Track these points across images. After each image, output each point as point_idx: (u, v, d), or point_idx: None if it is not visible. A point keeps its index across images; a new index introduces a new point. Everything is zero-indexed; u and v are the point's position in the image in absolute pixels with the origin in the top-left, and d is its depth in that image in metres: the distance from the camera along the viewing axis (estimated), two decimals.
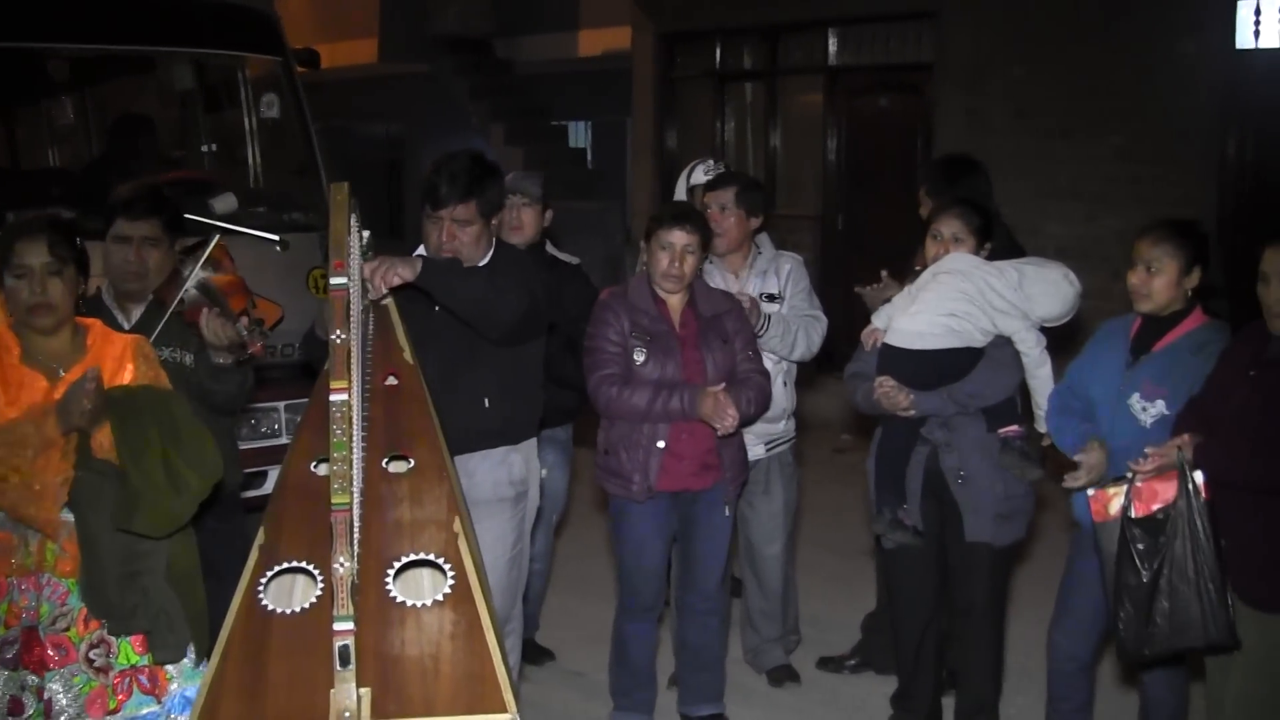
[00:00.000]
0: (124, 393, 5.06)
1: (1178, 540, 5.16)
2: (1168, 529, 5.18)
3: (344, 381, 3.91)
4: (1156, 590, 5.20)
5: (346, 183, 4.75)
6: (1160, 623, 5.22)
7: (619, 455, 6.52)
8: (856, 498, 10.17)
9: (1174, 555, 5.17)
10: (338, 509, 3.77)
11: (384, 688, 3.80)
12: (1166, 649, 5.31)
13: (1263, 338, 5.33)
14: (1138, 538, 5.23)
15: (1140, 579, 5.22)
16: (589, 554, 9.60)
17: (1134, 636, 5.30)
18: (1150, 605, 5.21)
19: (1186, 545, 5.15)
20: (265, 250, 8.65)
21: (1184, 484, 5.16)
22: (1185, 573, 5.16)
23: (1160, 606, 5.20)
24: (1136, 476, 5.27)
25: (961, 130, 14.13)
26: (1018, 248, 7.26)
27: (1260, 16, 12.35)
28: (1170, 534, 5.17)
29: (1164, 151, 12.83)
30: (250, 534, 4.45)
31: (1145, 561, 5.22)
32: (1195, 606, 5.16)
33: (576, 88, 21.59)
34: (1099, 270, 10.30)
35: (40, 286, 5.09)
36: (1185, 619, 5.19)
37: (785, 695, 7.60)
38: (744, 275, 7.31)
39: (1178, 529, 5.16)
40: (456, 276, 5.83)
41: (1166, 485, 5.20)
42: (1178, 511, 5.16)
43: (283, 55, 9.71)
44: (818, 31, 16.38)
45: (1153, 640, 5.27)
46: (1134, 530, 5.24)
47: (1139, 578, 5.23)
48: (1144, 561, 5.22)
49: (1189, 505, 5.14)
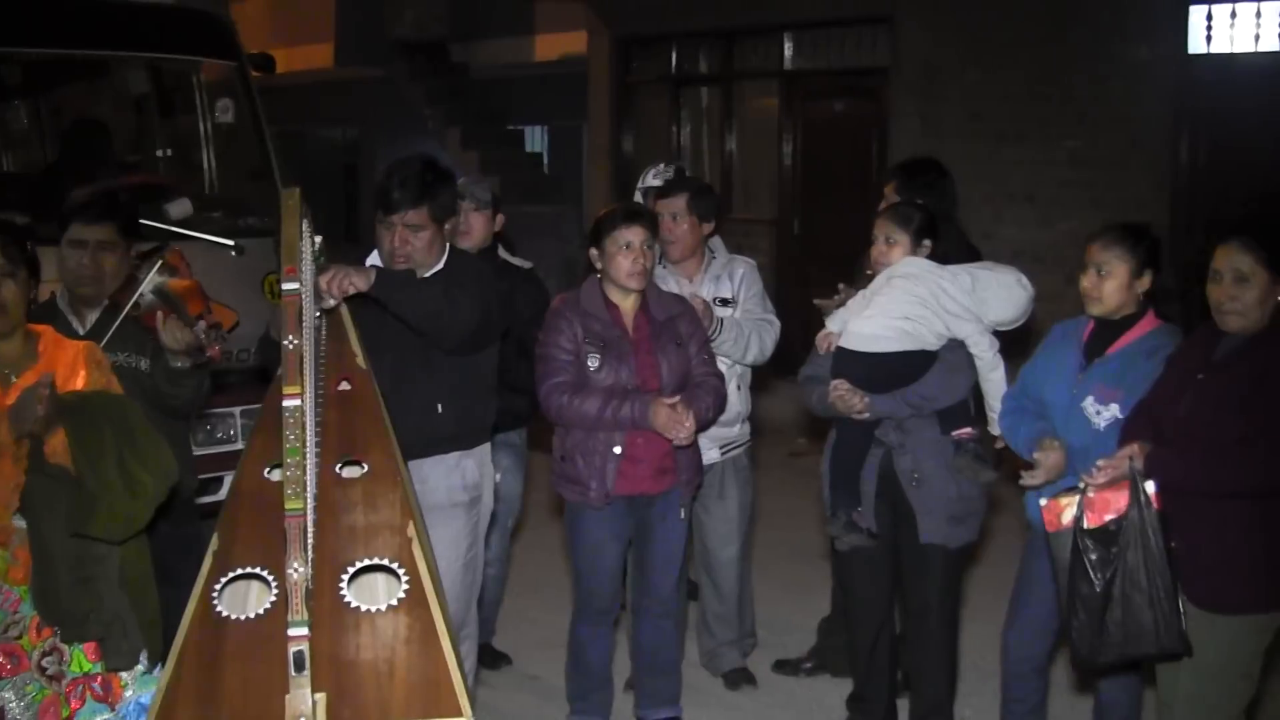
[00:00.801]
0: (77, 398, 5.05)
1: (1130, 550, 5.18)
2: (1120, 539, 5.20)
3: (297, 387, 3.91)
4: (1109, 599, 5.22)
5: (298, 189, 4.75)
6: (1113, 631, 5.24)
7: (575, 461, 6.52)
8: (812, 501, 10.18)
9: (1126, 565, 5.19)
10: (291, 514, 3.77)
11: (339, 693, 3.80)
12: (1119, 657, 5.33)
13: (1211, 341, 5.37)
14: (1090, 548, 5.25)
15: (1093, 588, 5.24)
16: (545, 558, 9.59)
17: (1087, 645, 5.32)
18: (1103, 614, 5.23)
19: (1139, 555, 5.17)
20: (220, 255, 8.63)
21: (1135, 494, 5.17)
22: (1138, 582, 5.18)
23: (1113, 615, 5.22)
24: (1088, 487, 5.30)
25: (916, 134, 14.18)
26: (975, 251, 7.29)
27: (1212, 22, 12.42)
28: (1123, 544, 5.19)
29: (1117, 155, 12.90)
30: (205, 540, 4.44)
31: (1098, 571, 5.24)
32: (1148, 615, 5.18)
33: (532, 92, 21.59)
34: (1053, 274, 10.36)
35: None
36: (1138, 627, 5.21)
37: (742, 698, 7.61)
38: (698, 280, 7.32)
39: (1130, 539, 5.18)
40: (410, 288, 5.82)
41: (1118, 495, 5.22)
42: (1130, 522, 5.18)
43: (238, 60, 9.68)
44: (773, 36, 16.43)
45: (1106, 648, 5.29)
46: (1086, 540, 5.26)
47: (1092, 587, 5.24)
48: (1097, 571, 5.24)
49: (1141, 515, 5.16)
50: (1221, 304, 5.24)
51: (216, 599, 4.10)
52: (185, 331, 6.00)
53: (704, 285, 7.30)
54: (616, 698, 7.11)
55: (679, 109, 17.85)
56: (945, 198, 7.30)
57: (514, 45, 21.49)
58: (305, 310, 4.71)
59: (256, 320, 7.23)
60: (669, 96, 17.88)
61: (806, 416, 8.76)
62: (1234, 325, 5.23)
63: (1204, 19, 12.47)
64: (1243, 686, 5.38)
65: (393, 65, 22.21)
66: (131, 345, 6.19)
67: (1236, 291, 5.20)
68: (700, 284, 7.30)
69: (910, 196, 7.07)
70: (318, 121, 23.99)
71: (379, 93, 22.73)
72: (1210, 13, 12.43)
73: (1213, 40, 12.47)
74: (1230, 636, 5.28)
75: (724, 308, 7.24)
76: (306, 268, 5.00)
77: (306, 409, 4.20)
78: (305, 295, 4.80)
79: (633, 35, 17.97)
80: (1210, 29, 12.46)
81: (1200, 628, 5.26)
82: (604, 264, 6.51)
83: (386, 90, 22.53)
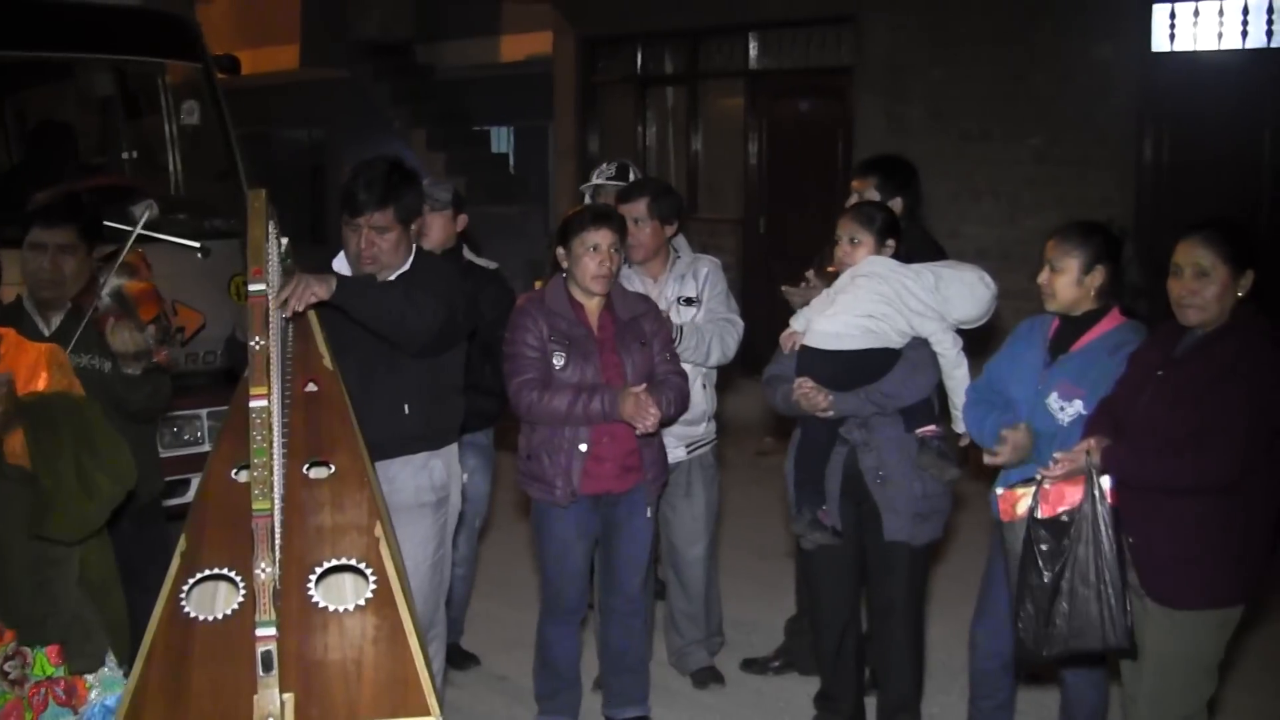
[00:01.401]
0: (37, 399, 5.03)
1: (1081, 544, 5.21)
2: (1071, 532, 5.23)
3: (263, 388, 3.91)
4: (1058, 592, 5.25)
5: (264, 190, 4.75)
6: (1060, 624, 5.27)
7: (541, 460, 6.53)
8: (778, 500, 10.20)
9: (1076, 558, 5.22)
10: (259, 515, 3.78)
11: (307, 693, 3.80)
12: (1064, 650, 5.35)
13: (1172, 337, 5.40)
14: (1042, 539, 5.28)
15: (1042, 579, 5.27)
16: (512, 558, 9.59)
17: (1033, 636, 5.35)
18: (1051, 606, 5.26)
19: (1089, 549, 5.20)
20: (187, 257, 8.61)
21: (1090, 488, 5.20)
22: (1086, 576, 5.21)
23: (1060, 608, 5.25)
24: (1045, 479, 5.32)
25: (881, 133, 14.22)
26: (940, 250, 7.31)
27: (1175, 20, 12.48)
28: (1074, 537, 5.22)
29: (1082, 153, 12.95)
30: (172, 542, 4.45)
31: (1048, 563, 5.26)
32: (1095, 609, 5.21)
33: (498, 93, 21.59)
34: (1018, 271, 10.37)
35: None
36: (1084, 621, 5.24)
37: (709, 697, 7.62)
38: (662, 280, 7.33)
39: (1081, 532, 5.21)
40: (371, 294, 5.81)
41: (1074, 488, 5.25)
42: (1082, 515, 5.21)
43: (203, 61, 9.67)
44: (738, 36, 16.45)
45: (1051, 640, 5.31)
46: (1039, 531, 5.29)
47: (1041, 578, 5.27)
48: (1047, 563, 5.27)
49: (1094, 509, 5.20)
50: (1181, 299, 5.28)
51: (184, 600, 4.10)
52: (134, 336, 6.00)
53: (668, 285, 7.31)
54: (585, 697, 7.11)
55: (644, 109, 17.86)
56: (917, 196, 7.36)
57: (479, 46, 21.47)
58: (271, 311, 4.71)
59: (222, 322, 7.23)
60: (634, 96, 17.89)
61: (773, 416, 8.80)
62: (1193, 319, 5.27)
63: (1167, 17, 12.53)
64: (1203, 681, 5.41)
65: (358, 66, 22.18)
66: (95, 348, 6.19)
67: (1196, 286, 5.23)
68: (665, 284, 7.31)
69: (890, 194, 7.12)
70: (283, 123, 23.98)
71: (344, 94, 22.71)
72: (1174, 11, 12.49)
73: (1176, 38, 12.52)
74: (1188, 632, 5.31)
75: (689, 307, 7.26)
76: (273, 269, 5.00)
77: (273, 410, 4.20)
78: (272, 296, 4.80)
79: (598, 35, 17.98)
80: (1174, 27, 12.51)
81: (1159, 624, 5.29)
82: (570, 265, 6.52)
83: (352, 91, 22.51)
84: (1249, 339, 5.21)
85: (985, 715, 6.35)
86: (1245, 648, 7.29)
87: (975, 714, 6.41)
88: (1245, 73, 12.17)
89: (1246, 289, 5.26)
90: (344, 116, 22.97)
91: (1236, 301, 5.26)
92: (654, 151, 17.74)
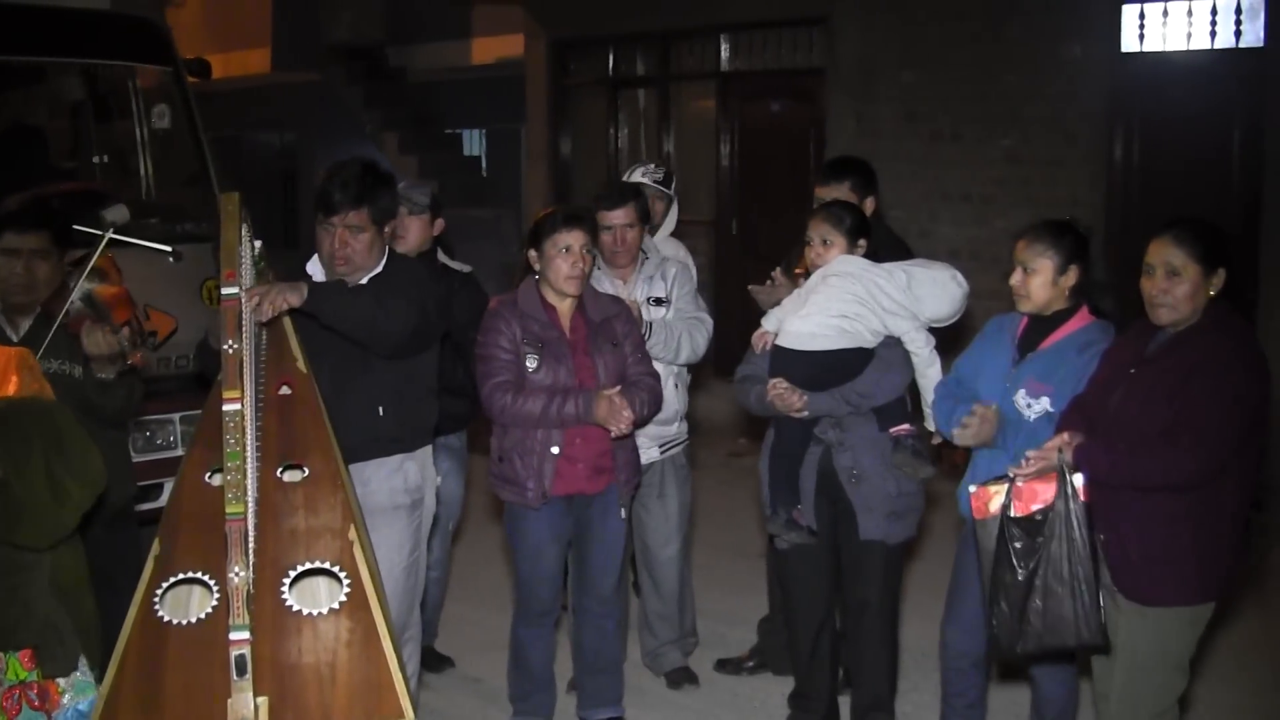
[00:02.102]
0: (6, 404, 5.02)
1: (1054, 541, 5.22)
2: (1045, 529, 5.24)
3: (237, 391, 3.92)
4: (1031, 589, 5.26)
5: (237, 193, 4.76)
6: (1034, 621, 5.28)
7: (513, 462, 6.53)
8: (751, 501, 10.23)
9: (1050, 556, 5.23)
10: (232, 519, 3.79)
11: (281, 696, 3.81)
12: (1038, 647, 5.36)
13: (1144, 336, 5.43)
14: (1016, 536, 5.28)
15: (1016, 577, 5.28)
16: (486, 560, 9.60)
17: (1008, 633, 5.36)
18: (1025, 604, 5.27)
19: (1063, 546, 5.21)
20: (158, 262, 8.58)
21: (1063, 486, 5.22)
22: (1060, 573, 5.22)
23: (1034, 605, 5.26)
24: (1017, 477, 5.34)
25: (853, 135, 14.22)
26: (905, 248, 7.33)
27: (1145, 20, 12.50)
28: (1047, 534, 5.23)
29: (1052, 154, 12.97)
30: (145, 546, 4.45)
31: (1022, 560, 5.27)
32: (1068, 607, 5.22)
33: (470, 95, 21.57)
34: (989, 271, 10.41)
35: None
36: (1058, 619, 5.25)
37: (684, 697, 7.63)
38: (632, 281, 7.34)
39: (1055, 530, 5.22)
40: (343, 299, 5.81)
41: (1047, 486, 5.26)
42: (1056, 513, 5.22)
43: (173, 65, 9.64)
44: (710, 37, 16.44)
45: (1025, 638, 5.32)
46: (1012, 529, 5.29)
47: (1015, 576, 5.28)
48: (1020, 560, 5.27)
49: (1067, 507, 5.21)
50: (1153, 297, 5.30)
51: (158, 604, 4.10)
52: (108, 339, 5.99)
53: (638, 286, 7.31)
54: (559, 698, 7.11)
55: (616, 111, 17.84)
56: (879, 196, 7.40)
57: (451, 49, 21.46)
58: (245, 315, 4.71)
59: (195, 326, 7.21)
60: (606, 98, 17.87)
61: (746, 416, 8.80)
62: (1165, 318, 5.29)
63: (1137, 18, 12.54)
64: (1174, 678, 5.43)
65: (329, 70, 22.15)
66: (65, 352, 6.17)
67: (1168, 285, 5.25)
68: (634, 285, 7.31)
69: (864, 195, 7.14)
70: (255, 127, 23.92)
71: (316, 98, 22.67)
72: (1143, 11, 12.50)
73: (1146, 39, 12.54)
74: (1160, 629, 5.33)
75: (658, 307, 7.27)
76: (246, 272, 5.00)
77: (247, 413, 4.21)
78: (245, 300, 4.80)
79: (569, 38, 17.96)
80: (1143, 28, 12.53)
81: (1131, 620, 5.31)
82: (542, 266, 6.52)
83: (324, 95, 22.47)
84: (1220, 338, 5.22)
85: (957, 713, 6.37)
86: (1217, 644, 7.35)
87: (948, 712, 6.42)
88: (1214, 73, 12.20)
89: (1218, 288, 5.28)
90: (315, 120, 22.93)
91: (1208, 300, 5.28)
92: (626, 153, 17.70)
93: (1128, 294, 5.80)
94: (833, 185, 7.24)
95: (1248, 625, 8.14)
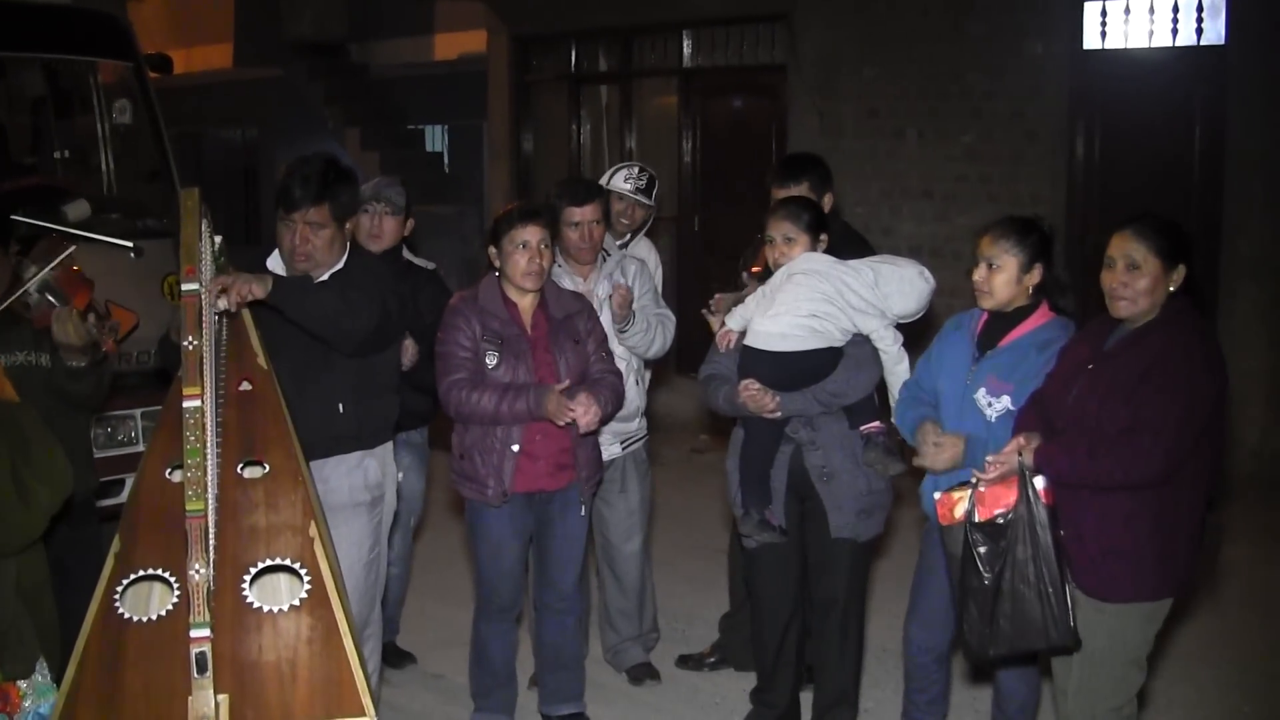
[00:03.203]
0: None
1: (1019, 544, 5.23)
2: (1008, 533, 5.25)
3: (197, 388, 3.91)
4: (999, 593, 5.27)
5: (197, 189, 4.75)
6: (1003, 624, 5.29)
7: (474, 459, 6.53)
8: (711, 497, 10.26)
9: (1015, 559, 5.24)
10: (193, 515, 3.78)
11: (242, 694, 3.80)
12: (1009, 650, 5.37)
13: (1103, 332, 5.45)
14: (980, 541, 5.29)
15: (983, 582, 5.29)
16: (447, 557, 9.60)
17: (978, 638, 5.36)
18: (994, 607, 5.28)
19: (1027, 550, 5.22)
20: (119, 257, 8.56)
21: (1024, 489, 5.23)
22: (1026, 576, 5.23)
23: (1003, 609, 5.27)
24: (980, 482, 5.35)
25: (814, 131, 14.25)
26: (865, 244, 7.33)
27: (1106, 17, 12.55)
28: (1011, 538, 5.24)
29: (1014, 150, 13.01)
30: (105, 542, 4.43)
31: (987, 565, 5.28)
32: (1037, 609, 5.23)
33: (432, 91, 21.52)
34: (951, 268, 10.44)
35: None
36: (1027, 621, 5.26)
37: (645, 693, 7.64)
38: (592, 278, 7.33)
39: (1018, 533, 5.23)
40: (307, 294, 5.81)
41: (1008, 490, 5.27)
42: (1018, 516, 5.23)
43: (135, 60, 9.62)
44: (672, 34, 16.45)
45: (996, 641, 5.33)
46: (976, 534, 5.30)
47: (981, 580, 5.29)
48: (986, 565, 5.28)
49: (1029, 510, 5.22)
50: (1113, 290, 5.32)
51: (118, 601, 4.09)
52: (77, 329, 5.97)
53: (599, 283, 7.31)
54: (520, 694, 7.12)
55: (579, 107, 17.83)
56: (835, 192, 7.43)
57: (413, 45, 21.42)
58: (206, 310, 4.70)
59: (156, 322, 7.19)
60: (568, 95, 17.86)
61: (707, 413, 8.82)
62: (1124, 312, 5.31)
63: (1098, 15, 12.59)
64: (1132, 674, 5.45)
65: (291, 65, 22.08)
66: (30, 344, 6.15)
67: (1128, 279, 5.27)
68: (595, 282, 7.31)
69: (822, 192, 7.13)
70: (216, 122, 23.84)
71: (278, 93, 22.60)
72: (1105, 8, 12.55)
73: (1107, 36, 12.59)
74: (1118, 625, 5.35)
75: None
76: (206, 268, 4.99)
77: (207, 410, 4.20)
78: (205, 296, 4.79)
79: (532, 34, 17.95)
80: (1105, 24, 12.58)
81: (1089, 616, 5.32)
82: (501, 262, 6.52)
83: (285, 91, 22.41)
84: (1178, 333, 5.24)
85: (919, 709, 6.39)
86: (1175, 640, 7.37)
87: (909, 707, 6.44)
88: (1176, 70, 12.26)
89: (1178, 283, 5.30)
90: (277, 116, 22.86)
91: (1168, 296, 5.30)
92: (588, 150, 17.71)
93: (1088, 291, 5.81)
94: (791, 186, 7.18)
95: (1205, 622, 8.17)
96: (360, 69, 22.49)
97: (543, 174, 17.74)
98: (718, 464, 6.86)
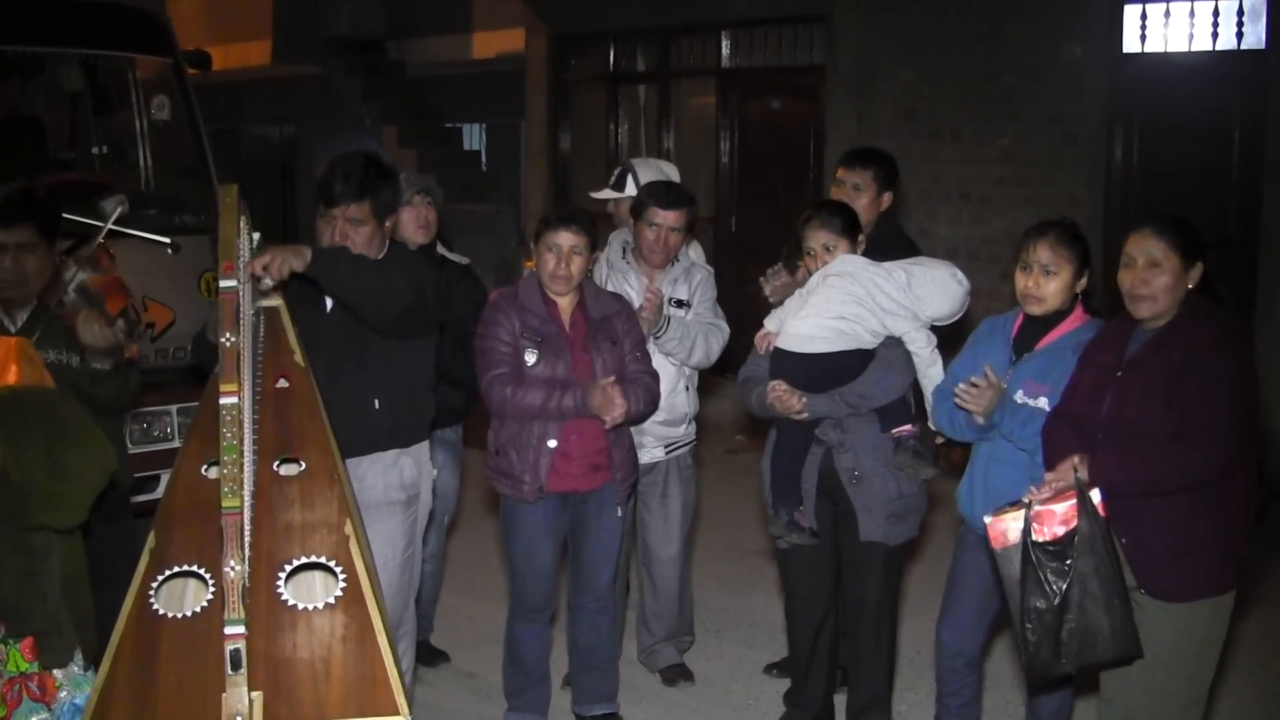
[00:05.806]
0: (8, 393, 5.03)
1: (1083, 560, 5.16)
2: (1072, 551, 5.19)
3: (234, 384, 3.91)
4: (1065, 611, 5.21)
5: (235, 185, 4.75)
6: (1068, 641, 5.21)
7: (509, 455, 6.53)
8: (748, 498, 10.23)
9: (1082, 575, 5.18)
10: (228, 512, 3.77)
11: (275, 691, 3.80)
12: (1076, 666, 5.32)
13: (1122, 336, 5.42)
14: (1044, 561, 5.20)
15: (1050, 601, 5.19)
16: (482, 555, 9.60)
17: (1045, 659, 5.27)
18: (1059, 626, 5.23)
19: (1091, 563, 5.17)
20: (156, 253, 8.59)
21: (1084, 505, 5.16)
22: (1092, 591, 5.16)
23: (1069, 626, 5.20)
24: (1033, 502, 5.29)
25: (851, 132, 14.21)
26: (913, 245, 7.30)
27: (1146, 21, 12.49)
28: (1076, 555, 5.18)
29: (1051, 153, 12.95)
30: (140, 538, 4.43)
31: (1053, 584, 5.20)
32: (1104, 621, 5.17)
33: (470, 90, 21.53)
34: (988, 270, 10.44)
35: None
36: (1093, 635, 5.18)
37: (679, 694, 7.63)
38: (659, 279, 7.33)
39: (1082, 550, 5.17)
40: (345, 262, 5.81)
41: (1061, 505, 5.21)
42: (1081, 533, 5.17)
43: (173, 57, 9.64)
44: (710, 34, 16.43)
45: (1062, 660, 5.27)
46: (1039, 554, 5.20)
47: (1049, 600, 5.19)
48: (1051, 584, 5.20)
49: (1091, 526, 5.16)
50: (1133, 289, 5.30)
51: (153, 597, 4.09)
52: (103, 331, 5.99)
53: (663, 285, 7.31)
54: (554, 694, 7.11)
55: (616, 107, 17.83)
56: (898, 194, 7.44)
57: (451, 43, 21.42)
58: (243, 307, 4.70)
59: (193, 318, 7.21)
60: (606, 94, 17.86)
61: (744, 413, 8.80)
62: (1145, 311, 5.29)
63: (1138, 18, 12.53)
64: (1202, 671, 5.42)
65: (329, 63, 22.12)
66: (62, 342, 6.18)
67: (1148, 276, 5.26)
68: (660, 283, 7.31)
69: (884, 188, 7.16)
70: (254, 119, 23.90)
71: (315, 90, 22.63)
72: (1145, 12, 12.49)
73: (1147, 39, 12.53)
74: (1186, 623, 5.31)
75: (678, 309, 7.28)
76: (243, 265, 4.99)
77: (244, 407, 4.20)
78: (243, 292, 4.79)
79: (570, 33, 17.95)
80: (1144, 28, 12.52)
81: (1154, 619, 5.28)
82: (537, 261, 6.54)
83: (323, 88, 22.44)
84: (1204, 329, 5.23)
85: (952, 713, 6.36)
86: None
87: (942, 711, 6.42)
88: (1215, 74, 12.19)
89: (1196, 281, 5.30)
90: (315, 113, 22.89)
91: (1186, 293, 5.28)
92: (625, 149, 17.68)
93: (1120, 295, 5.79)
94: (857, 170, 7.24)
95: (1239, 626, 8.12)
96: (398, 67, 22.50)
97: (580, 174, 17.74)
98: (752, 464, 6.85)
